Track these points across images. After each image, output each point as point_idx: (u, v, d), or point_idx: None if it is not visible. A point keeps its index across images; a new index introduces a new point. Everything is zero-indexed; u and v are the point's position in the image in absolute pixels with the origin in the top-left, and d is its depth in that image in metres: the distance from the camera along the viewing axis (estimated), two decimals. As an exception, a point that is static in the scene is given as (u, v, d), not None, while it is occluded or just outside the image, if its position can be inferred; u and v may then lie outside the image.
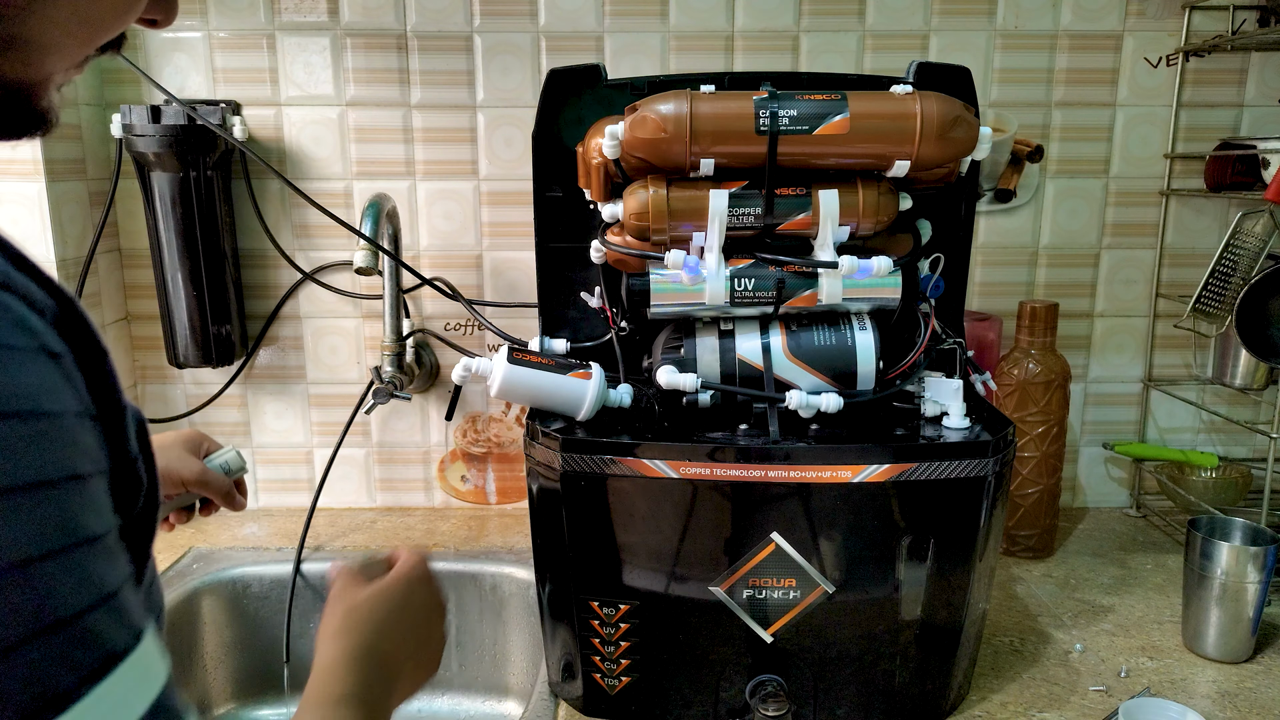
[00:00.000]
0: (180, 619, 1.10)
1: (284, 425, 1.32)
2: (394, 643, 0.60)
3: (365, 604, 0.61)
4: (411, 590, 0.65)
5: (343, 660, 0.57)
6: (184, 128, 1.12)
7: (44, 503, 0.30)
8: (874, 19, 1.21)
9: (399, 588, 0.64)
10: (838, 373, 0.83)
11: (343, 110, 1.23)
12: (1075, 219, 1.28)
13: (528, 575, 1.12)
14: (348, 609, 0.61)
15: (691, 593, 0.81)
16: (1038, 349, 1.14)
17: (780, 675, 0.82)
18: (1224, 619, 0.93)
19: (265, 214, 1.24)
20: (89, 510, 0.32)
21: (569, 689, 0.88)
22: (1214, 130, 1.25)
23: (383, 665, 0.58)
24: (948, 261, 0.90)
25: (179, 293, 1.18)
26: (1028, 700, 0.88)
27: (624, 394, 0.85)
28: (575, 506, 0.80)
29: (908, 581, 0.80)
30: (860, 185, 0.81)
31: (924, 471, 0.77)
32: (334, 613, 0.61)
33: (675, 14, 1.21)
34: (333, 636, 0.59)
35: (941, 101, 0.78)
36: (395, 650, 0.60)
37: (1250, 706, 0.87)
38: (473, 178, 1.25)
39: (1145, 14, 1.22)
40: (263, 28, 1.21)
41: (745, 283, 0.82)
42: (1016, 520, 1.18)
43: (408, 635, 0.62)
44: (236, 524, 1.28)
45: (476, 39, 1.21)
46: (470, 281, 1.27)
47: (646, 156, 0.79)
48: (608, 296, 0.91)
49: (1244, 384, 1.22)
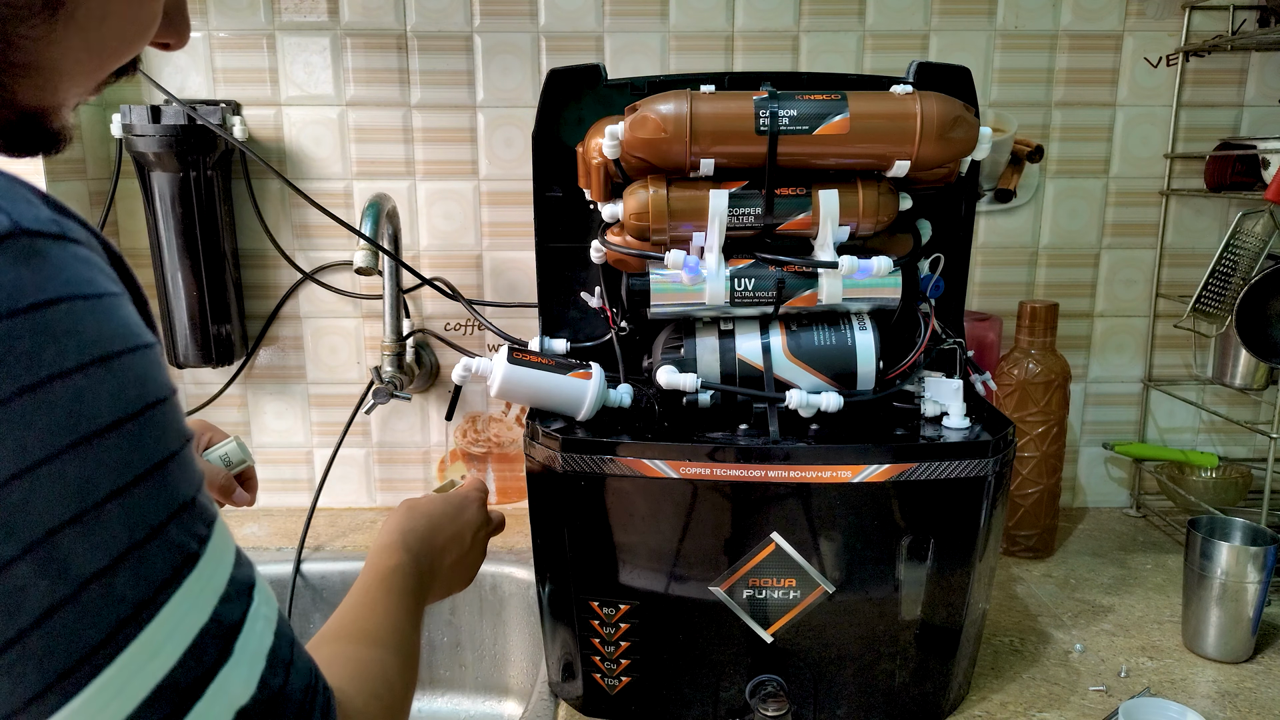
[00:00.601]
0: (180, 619, 1.09)
1: (284, 425, 1.32)
2: (443, 539, 0.71)
3: (423, 505, 0.74)
4: (464, 506, 0.77)
5: (397, 538, 0.67)
6: (184, 128, 1.12)
7: (170, 411, 0.36)
8: (874, 19, 1.21)
9: (455, 500, 0.77)
10: (838, 373, 0.83)
11: (343, 110, 1.23)
12: (1075, 219, 1.28)
13: (528, 575, 1.12)
14: (409, 507, 0.73)
15: (691, 593, 0.81)
16: (1038, 349, 1.14)
17: (780, 675, 0.82)
18: (1224, 619, 0.93)
19: (265, 214, 1.24)
20: (182, 418, 0.37)
21: (569, 689, 0.88)
22: (1214, 130, 1.25)
23: (432, 552, 0.69)
24: (948, 261, 0.90)
25: (179, 293, 1.18)
26: (1028, 700, 0.88)
27: (624, 394, 0.85)
28: (575, 506, 0.80)
29: (908, 581, 0.80)
30: (860, 185, 0.81)
31: (924, 471, 0.77)
32: (398, 509, 0.73)
33: (675, 14, 1.21)
34: (391, 526, 0.70)
35: (941, 101, 0.78)
36: (442, 546, 0.71)
37: (1250, 706, 0.87)
38: (473, 178, 1.25)
39: (1145, 14, 1.22)
40: (263, 28, 1.21)
41: (745, 283, 0.82)
42: (1016, 520, 1.18)
43: (454, 539, 0.73)
44: (236, 524, 1.28)
45: (476, 39, 1.21)
46: (470, 281, 1.27)
47: (646, 156, 0.79)
48: (608, 296, 0.91)
49: (1244, 384, 1.22)
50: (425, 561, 0.68)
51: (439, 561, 0.70)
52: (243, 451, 0.85)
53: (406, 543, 0.67)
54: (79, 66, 0.39)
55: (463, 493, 0.79)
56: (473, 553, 0.76)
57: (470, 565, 0.76)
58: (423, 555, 0.68)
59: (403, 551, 0.66)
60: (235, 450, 0.84)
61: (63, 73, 0.39)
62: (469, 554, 0.75)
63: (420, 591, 0.65)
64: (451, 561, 0.72)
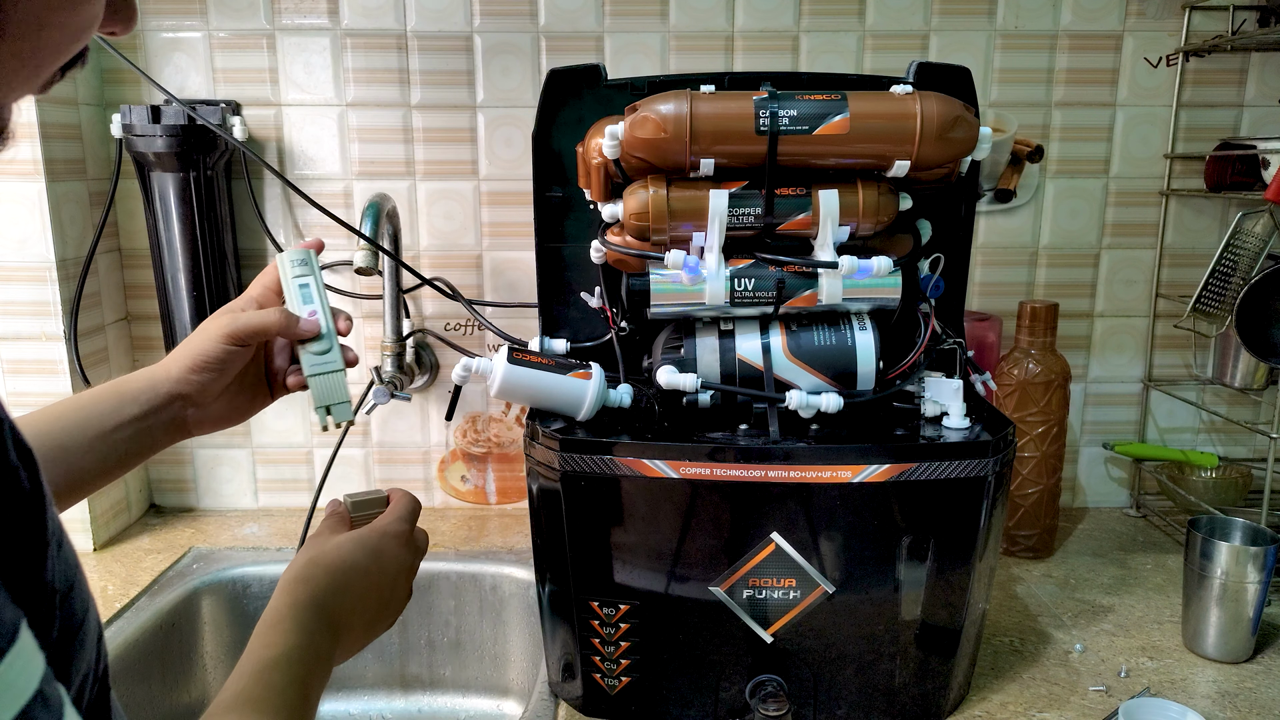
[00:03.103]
0: (180, 619, 1.10)
1: (284, 425, 1.32)
2: (351, 599, 0.61)
3: (330, 555, 0.62)
4: (383, 548, 0.65)
5: (289, 613, 0.57)
6: (184, 128, 1.12)
7: None
8: (874, 19, 1.21)
9: (371, 543, 0.64)
10: (838, 373, 0.83)
11: (343, 110, 1.23)
12: (1075, 219, 1.28)
13: (528, 575, 1.12)
14: (311, 558, 0.61)
15: (691, 593, 0.81)
16: (1038, 349, 1.14)
17: (780, 675, 0.82)
18: (1224, 619, 0.93)
19: (265, 214, 1.24)
20: None
21: (569, 689, 0.88)
22: (1214, 130, 1.25)
23: (330, 622, 0.58)
24: (948, 261, 0.90)
25: (179, 293, 1.18)
26: (1028, 700, 0.88)
27: (624, 394, 0.85)
28: (575, 506, 0.80)
29: (908, 581, 0.80)
30: (860, 185, 0.81)
31: (924, 471, 0.77)
32: (300, 557, 0.62)
33: (675, 14, 1.21)
34: (289, 583, 0.59)
35: (941, 102, 0.78)
36: (350, 607, 0.60)
37: (1250, 706, 0.87)
38: (473, 178, 1.25)
39: (1145, 14, 1.22)
40: (263, 28, 1.21)
41: (745, 283, 0.82)
42: (1016, 520, 1.18)
43: (367, 594, 0.62)
44: (236, 524, 1.28)
45: (476, 39, 1.21)
46: (470, 281, 1.27)
47: (646, 156, 0.79)
48: (608, 296, 0.91)
49: (1244, 384, 1.22)
50: (321, 637, 0.57)
51: (342, 627, 0.60)
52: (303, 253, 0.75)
53: (299, 612, 0.57)
54: (15, 76, 0.37)
55: (380, 529, 0.66)
56: (395, 600, 0.66)
57: (391, 614, 0.66)
58: (317, 627, 0.57)
59: (291, 630, 0.55)
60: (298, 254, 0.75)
61: None
62: (390, 602, 0.65)
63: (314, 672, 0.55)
64: (363, 623, 0.62)
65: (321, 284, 0.75)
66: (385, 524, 0.67)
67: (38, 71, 0.38)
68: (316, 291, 0.74)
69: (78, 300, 1.15)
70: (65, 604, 0.34)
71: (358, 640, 0.62)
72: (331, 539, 0.64)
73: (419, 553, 0.69)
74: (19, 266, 1.12)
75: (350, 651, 0.61)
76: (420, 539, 0.70)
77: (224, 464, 1.33)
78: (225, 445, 1.32)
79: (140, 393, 0.70)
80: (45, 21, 0.36)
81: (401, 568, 0.66)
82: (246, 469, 1.33)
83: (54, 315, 1.14)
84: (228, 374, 0.72)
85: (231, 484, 1.34)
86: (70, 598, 0.34)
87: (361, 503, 0.70)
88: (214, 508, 1.34)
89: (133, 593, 1.09)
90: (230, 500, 1.34)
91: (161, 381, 0.70)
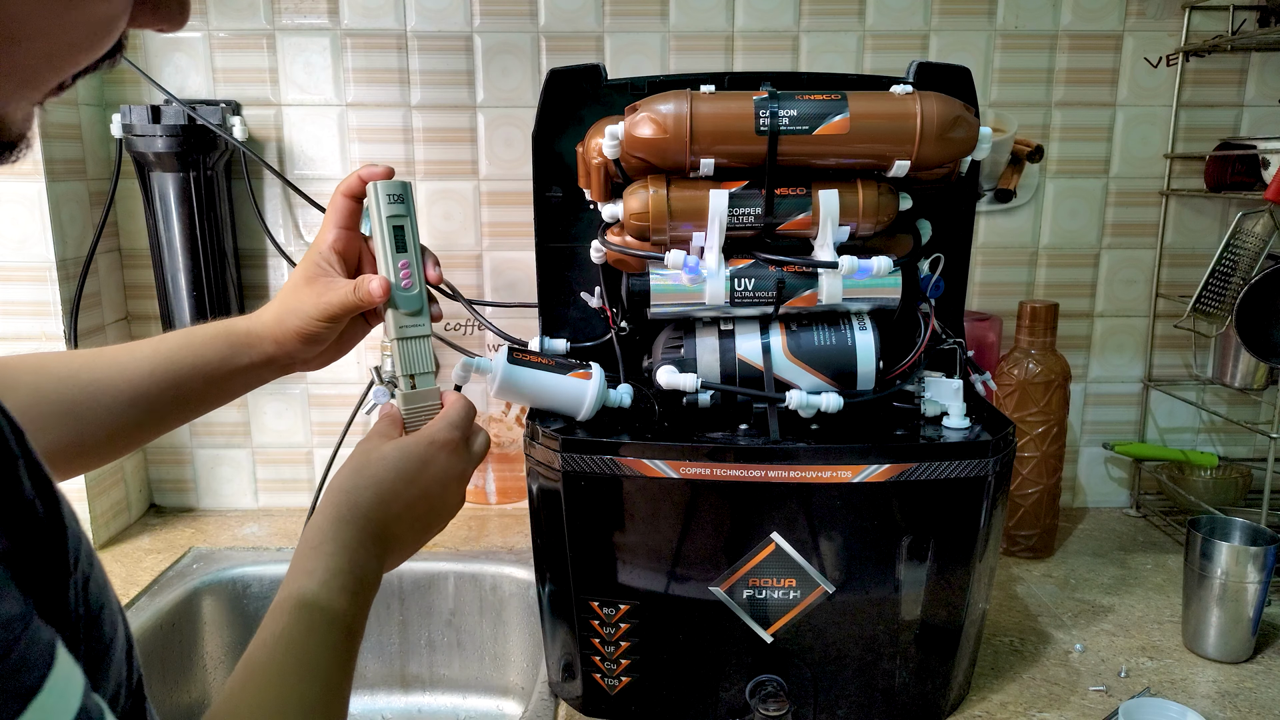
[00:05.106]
0: (180, 619, 1.10)
1: (284, 425, 1.32)
2: (398, 509, 0.59)
3: (374, 466, 0.60)
4: (430, 457, 0.62)
5: (331, 531, 0.55)
6: (184, 128, 1.12)
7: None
8: (874, 19, 1.21)
9: (418, 453, 0.62)
10: (838, 373, 0.83)
11: (343, 110, 1.23)
12: (1075, 219, 1.28)
13: (528, 575, 1.12)
14: (360, 465, 0.60)
15: (691, 593, 0.81)
16: (1038, 349, 1.14)
17: (780, 675, 0.82)
18: (1224, 619, 0.93)
19: (265, 214, 1.24)
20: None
21: (569, 689, 0.88)
22: (1214, 130, 1.25)
23: (376, 535, 0.57)
24: (948, 261, 0.90)
25: (179, 293, 1.18)
26: (1028, 700, 0.88)
27: (624, 394, 0.85)
28: (575, 506, 0.80)
29: (907, 582, 0.80)
30: (860, 185, 0.81)
31: (924, 471, 0.77)
32: (346, 466, 0.61)
33: (675, 14, 1.21)
34: (333, 493, 0.58)
35: (941, 102, 0.78)
36: (397, 515, 0.59)
37: (1250, 706, 0.87)
38: (473, 178, 1.25)
39: (1145, 14, 1.22)
40: (263, 28, 1.21)
41: (745, 283, 0.82)
42: (1016, 520, 1.18)
43: (415, 504, 0.61)
44: (236, 524, 1.28)
45: (476, 39, 1.21)
46: (470, 281, 1.27)
47: (646, 156, 0.79)
48: (608, 296, 0.91)
49: (1244, 384, 1.22)
50: (364, 549, 0.56)
51: (387, 538, 0.58)
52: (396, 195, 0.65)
53: (342, 524, 0.55)
54: (35, 77, 0.35)
55: (429, 437, 0.63)
56: (445, 508, 0.64)
57: (440, 521, 0.64)
58: (361, 538, 0.55)
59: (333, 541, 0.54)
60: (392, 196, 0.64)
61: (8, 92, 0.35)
62: (441, 510, 0.63)
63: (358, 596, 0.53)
64: (411, 532, 0.61)
65: (416, 224, 0.64)
66: (434, 431, 0.64)
67: (56, 75, 0.37)
68: (411, 237, 0.64)
69: (78, 300, 1.15)
70: (94, 626, 0.33)
71: (408, 549, 0.61)
72: (379, 448, 0.62)
73: (473, 458, 0.67)
74: (19, 266, 1.12)
75: (401, 559, 0.60)
76: (478, 443, 0.68)
77: (224, 464, 1.33)
78: (225, 445, 1.32)
79: (249, 347, 0.70)
80: (61, 21, 0.34)
81: (450, 476, 0.63)
82: (247, 469, 1.33)
83: (54, 315, 1.14)
84: (333, 335, 0.72)
85: (232, 484, 1.34)
86: (100, 619, 0.34)
87: (415, 407, 0.66)
88: (214, 508, 1.34)
89: (133, 593, 1.09)
90: (230, 500, 1.34)
91: (267, 341, 0.70)
